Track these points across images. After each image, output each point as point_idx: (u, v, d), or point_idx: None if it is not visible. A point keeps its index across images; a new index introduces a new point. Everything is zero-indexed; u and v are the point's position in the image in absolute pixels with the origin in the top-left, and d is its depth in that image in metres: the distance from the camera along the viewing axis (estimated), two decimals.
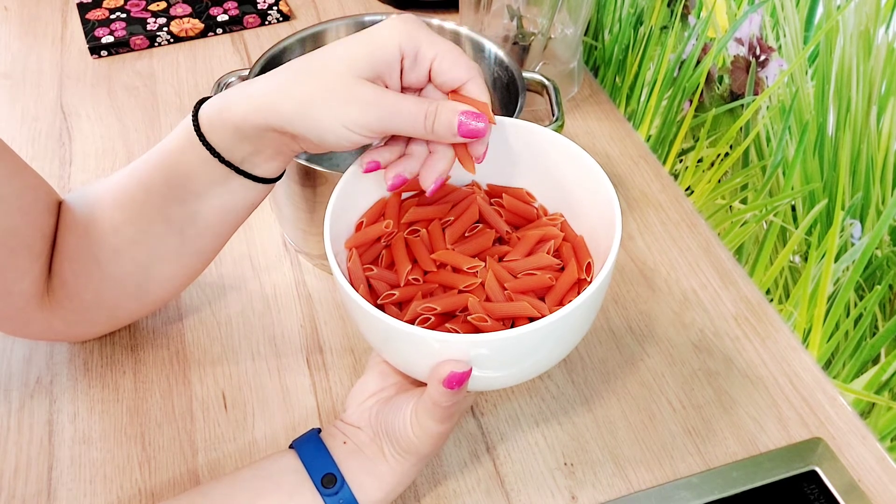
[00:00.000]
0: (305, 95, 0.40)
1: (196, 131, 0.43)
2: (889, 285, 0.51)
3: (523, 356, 0.41)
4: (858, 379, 0.56)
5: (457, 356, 0.39)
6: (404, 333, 0.39)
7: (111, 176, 0.49)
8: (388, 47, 0.40)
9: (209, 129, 0.43)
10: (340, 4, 0.95)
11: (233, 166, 0.44)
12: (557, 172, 0.48)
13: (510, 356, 0.41)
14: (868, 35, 0.48)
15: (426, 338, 0.39)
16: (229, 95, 0.43)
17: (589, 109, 0.81)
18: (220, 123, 0.43)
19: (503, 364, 0.41)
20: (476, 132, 0.41)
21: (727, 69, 0.63)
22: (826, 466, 0.53)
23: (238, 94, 0.43)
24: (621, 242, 0.68)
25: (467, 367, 0.39)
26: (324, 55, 0.41)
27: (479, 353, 0.39)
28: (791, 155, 0.58)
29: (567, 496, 0.52)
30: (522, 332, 0.38)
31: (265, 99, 0.41)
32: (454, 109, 0.41)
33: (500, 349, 0.39)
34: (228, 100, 0.43)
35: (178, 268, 0.51)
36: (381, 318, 0.39)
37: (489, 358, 0.40)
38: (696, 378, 0.59)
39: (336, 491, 0.43)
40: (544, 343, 0.41)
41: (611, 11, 0.78)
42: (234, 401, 0.56)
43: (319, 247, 0.62)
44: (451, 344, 0.39)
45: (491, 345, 0.39)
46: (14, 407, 0.55)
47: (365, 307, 0.39)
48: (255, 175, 0.46)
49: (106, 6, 0.91)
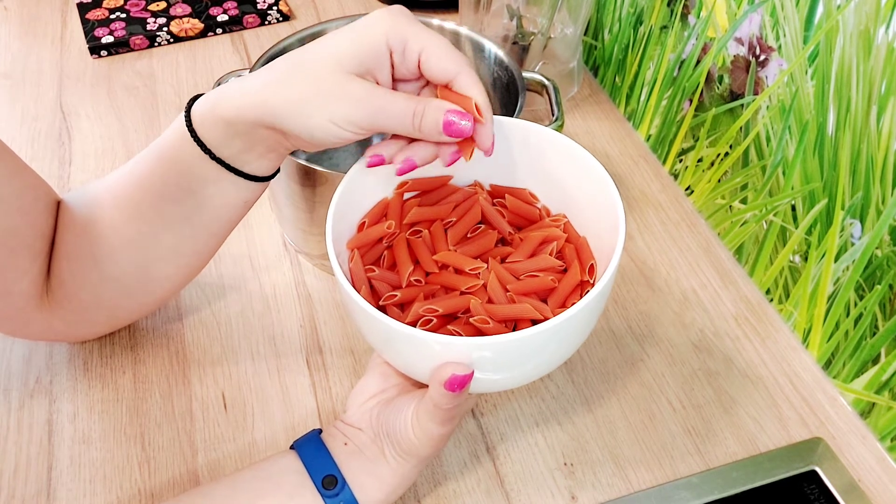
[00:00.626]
0: (295, 93, 0.40)
1: (188, 127, 0.44)
2: (889, 285, 0.51)
3: (525, 359, 0.41)
4: (858, 379, 0.56)
5: (458, 359, 0.39)
6: (405, 335, 0.39)
7: (109, 175, 0.50)
8: (376, 41, 0.40)
9: (201, 124, 0.43)
10: (340, 4, 0.95)
11: (224, 163, 0.44)
12: (560, 173, 0.48)
13: (512, 359, 0.41)
14: (868, 35, 0.48)
15: (427, 340, 0.39)
16: (221, 92, 0.43)
17: (589, 109, 0.81)
18: (211, 119, 0.43)
19: (505, 367, 0.41)
20: (461, 131, 0.41)
21: (727, 69, 0.63)
22: (826, 466, 0.53)
23: (230, 91, 0.43)
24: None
25: (469, 370, 0.39)
26: (314, 51, 0.41)
27: (482, 355, 0.39)
28: (791, 155, 0.58)
29: (567, 496, 0.52)
30: (525, 335, 0.38)
31: (256, 96, 0.41)
32: (440, 108, 0.41)
33: (502, 352, 0.39)
34: (220, 96, 0.43)
35: (175, 267, 0.50)
36: (382, 320, 0.39)
37: (491, 361, 0.40)
38: (696, 378, 0.59)
39: (337, 492, 0.43)
40: (547, 346, 0.41)
41: (610, 11, 0.78)
42: (234, 401, 0.56)
43: (319, 247, 0.62)
44: (452, 346, 0.39)
45: (493, 347, 0.39)
46: (14, 407, 0.55)
47: (366, 309, 0.39)
48: (247, 173, 0.45)
49: (106, 6, 0.91)
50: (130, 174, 0.47)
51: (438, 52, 0.41)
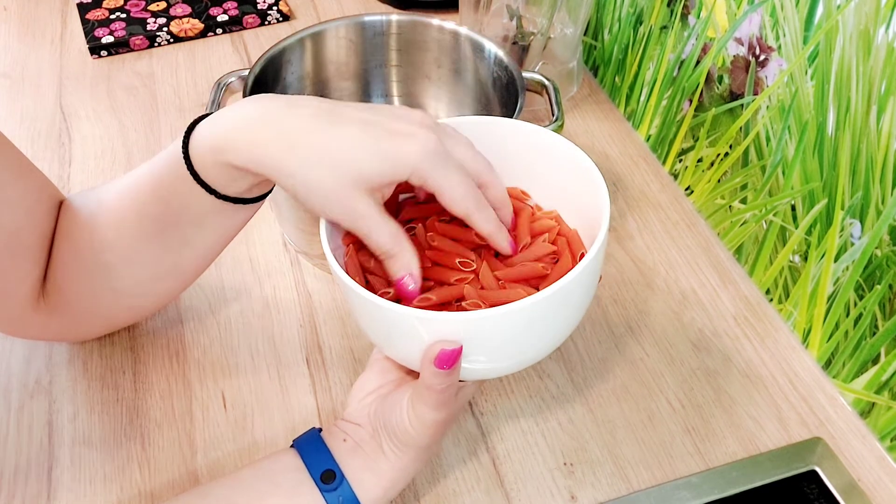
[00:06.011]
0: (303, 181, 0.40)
1: (189, 169, 0.42)
2: (889, 285, 0.51)
3: (515, 336, 0.41)
4: (858, 379, 0.56)
5: (448, 336, 0.39)
6: (396, 315, 0.39)
7: (107, 188, 0.49)
8: (398, 175, 0.41)
9: (203, 167, 0.42)
10: (340, 4, 0.95)
11: (228, 198, 0.44)
12: (548, 169, 0.48)
13: (503, 335, 0.41)
14: (868, 35, 0.48)
15: (417, 317, 0.39)
16: (225, 135, 0.41)
17: (588, 109, 0.81)
18: (213, 165, 0.42)
19: (495, 346, 0.41)
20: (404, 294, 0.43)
21: (727, 69, 0.63)
22: (826, 466, 0.53)
23: (237, 139, 0.41)
24: (621, 242, 0.68)
25: (457, 345, 0.39)
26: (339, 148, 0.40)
27: (471, 330, 0.39)
28: (791, 154, 0.58)
29: (567, 496, 0.52)
30: (515, 307, 0.38)
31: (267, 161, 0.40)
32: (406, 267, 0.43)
33: (492, 327, 0.39)
34: (224, 140, 0.41)
35: (175, 282, 0.51)
36: (373, 300, 0.39)
37: (481, 336, 0.40)
38: (695, 378, 0.59)
39: (335, 487, 0.43)
40: (536, 321, 0.41)
41: (610, 11, 0.78)
42: (234, 401, 0.56)
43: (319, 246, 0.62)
44: (442, 323, 0.39)
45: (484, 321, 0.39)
46: (14, 407, 0.55)
47: (358, 291, 0.40)
48: (249, 199, 0.46)
49: (106, 6, 0.91)
50: (129, 196, 0.47)
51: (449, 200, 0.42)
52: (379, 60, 0.69)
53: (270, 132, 0.40)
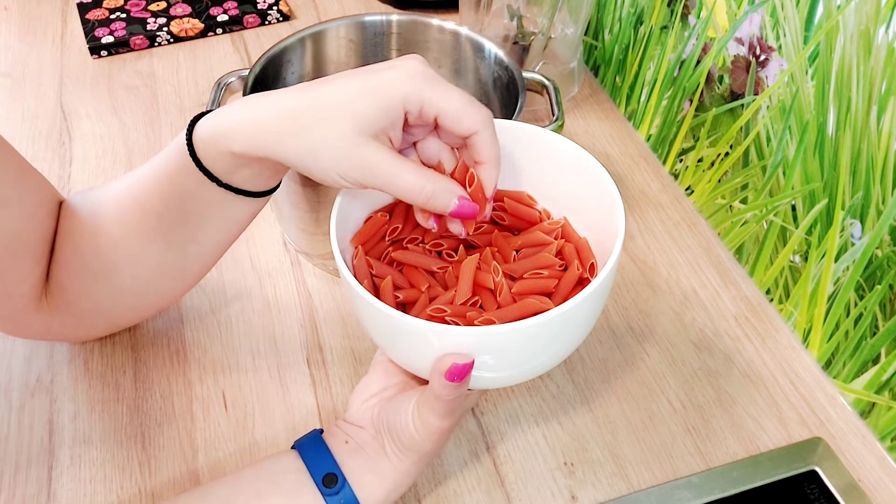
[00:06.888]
0: (308, 145, 0.40)
1: (192, 157, 0.43)
2: (889, 285, 0.51)
3: (527, 350, 0.41)
4: (858, 379, 0.56)
5: (459, 349, 0.39)
6: (408, 326, 0.39)
7: (108, 188, 0.49)
8: (394, 106, 0.40)
9: (205, 155, 0.43)
10: (340, 4, 0.95)
11: (232, 188, 0.44)
12: (559, 174, 0.48)
13: (515, 350, 0.41)
14: (868, 35, 0.48)
15: (430, 330, 0.39)
16: (226, 123, 0.42)
17: (589, 109, 0.81)
18: (216, 152, 0.42)
19: (507, 359, 0.41)
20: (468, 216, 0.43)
21: (727, 69, 0.63)
22: (826, 466, 0.53)
23: (236, 124, 0.42)
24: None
25: (469, 359, 0.39)
26: (333, 102, 0.40)
27: (483, 344, 0.39)
28: (791, 155, 0.58)
29: (567, 496, 0.52)
30: (527, 324, 0.38)
31: (267, 138, 0.41)
32: (452, 192, 0.41)
33: (505, 342, 0.39)
34: (226, 128, 0.42)
35: (179, 281, 0.51)
36: (385, 311, 0.39)
37: (493, 351, 0.40)
38: (696, 378, 0.59)
39: (337, 490, 0.43)
40: (548, 337, 0.41)
41: (611, 11, 0.78)
42: (235, 401, 0.56)
43: (319, 246, 0.62)
44: (454, 336, 0.39)
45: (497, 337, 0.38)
46: (14, 406, 0.55)
47: (370, 300, 0.39)
48: (253, 191, 0.45)
49: (106, 6, 0.91)
50: (132, 195, 0.47)
51: (454, 117, 0.41)
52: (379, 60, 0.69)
53: (267, 114, 0.41)
